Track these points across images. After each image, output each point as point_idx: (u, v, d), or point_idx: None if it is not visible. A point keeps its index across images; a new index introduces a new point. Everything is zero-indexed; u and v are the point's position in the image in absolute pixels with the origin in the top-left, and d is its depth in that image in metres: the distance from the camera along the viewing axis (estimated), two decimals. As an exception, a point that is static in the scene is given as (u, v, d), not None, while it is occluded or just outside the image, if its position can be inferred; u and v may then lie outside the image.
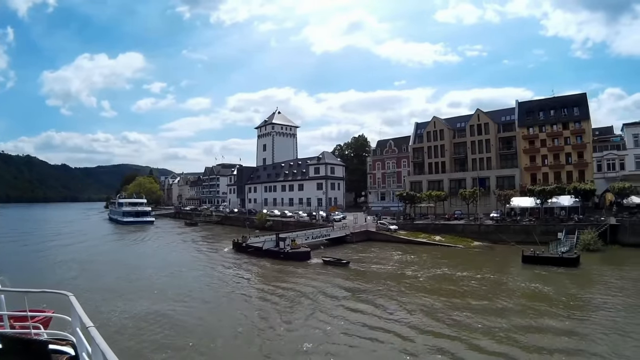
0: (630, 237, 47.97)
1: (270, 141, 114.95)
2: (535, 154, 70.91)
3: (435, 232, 59.05)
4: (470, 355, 18.16)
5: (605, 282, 32.64)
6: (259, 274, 39.04)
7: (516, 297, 28.06)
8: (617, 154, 66.40)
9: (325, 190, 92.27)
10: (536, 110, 72.80)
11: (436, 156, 79.48)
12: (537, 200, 59.27)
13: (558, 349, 18.63)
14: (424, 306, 26.20)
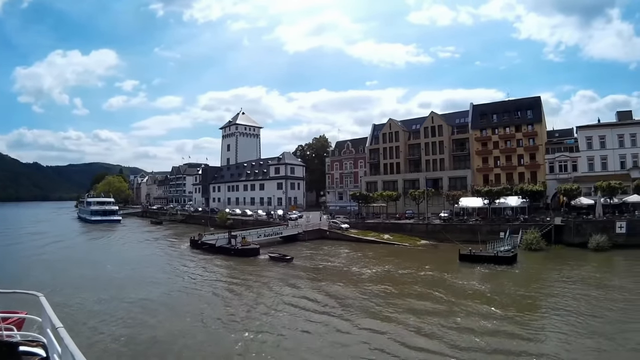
0: (575, 238, 47.85)
1: (234, 141, 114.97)
2: (487, 155, 70.71)
3: (385, 230, 58.99)
4: (395, 346, 18.59)
5: (536, 279, 33.48)
6: (209, 269, 39.62)
7: (447, 293, 28.29)
8: (570, 156, 66.19)
9: (285, 189, 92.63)
10: (490, 113, 72.71)
11: (391, 157, 79.12)
12: (485, 201, 58.97)
13: (473, 338, 19.32)
14: (357, 300, 26.76)
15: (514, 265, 37.70)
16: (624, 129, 66.67)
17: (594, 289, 29.05)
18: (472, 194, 64.12)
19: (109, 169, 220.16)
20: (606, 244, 44.65)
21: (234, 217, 79.06)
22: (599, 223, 49.08)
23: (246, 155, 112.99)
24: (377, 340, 19.22)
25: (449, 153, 73.49)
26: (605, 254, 42.79)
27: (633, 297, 26.41)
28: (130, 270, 38.65)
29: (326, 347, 18.73)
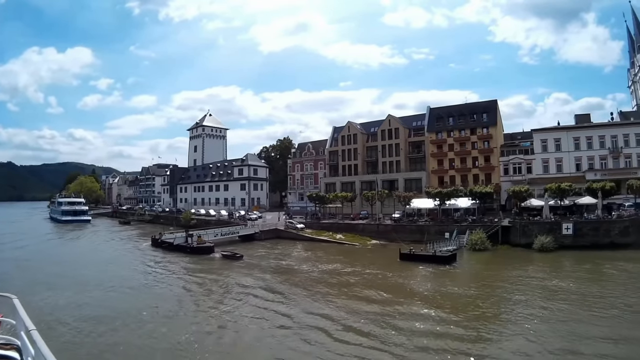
0: (521, 238, 47.50)
1: (201, 143, 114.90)
2: (442, 157, 70.03)
3: (338, 231, 59.26)
4: (324, 338, 19.51)
5: (471, 278, 34.34)
6: (165, 266, 40.60)
7: (384, 291, 28.69)
8: (524, 159, 65.46)
9: (248, 190, 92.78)
10: (446, 116, 72.13)
11: (349, 159, 78.41)
12: (435, 202, 58.34)
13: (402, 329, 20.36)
14: (299, 297, 27.75)
15: (452, 265, 38.14)
16: (581, 131, 66.23)
17: (526, 287, 29.51)
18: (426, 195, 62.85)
19: (82, 168, 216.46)
20: (551, 245, 44.04)
21: (197, 217, 79.24)
22: (546, 224, 48.58)
23: (213, 156, 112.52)
24: (311, 335, 19.91)
25: (405, 155, 72.82)
26: (550, 254, 42.12)
27: (561, 295, 26.53)
28: (94, 268, 39.17)
29: (258, 337, 19.87)
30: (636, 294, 26.43)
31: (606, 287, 28.79)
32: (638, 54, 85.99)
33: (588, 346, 17.80)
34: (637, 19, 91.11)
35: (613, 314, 22.32)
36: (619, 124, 67.98)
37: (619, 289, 27.78)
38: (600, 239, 44.97)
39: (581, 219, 49.57)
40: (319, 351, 18.01)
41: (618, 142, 63.74)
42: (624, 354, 16.93)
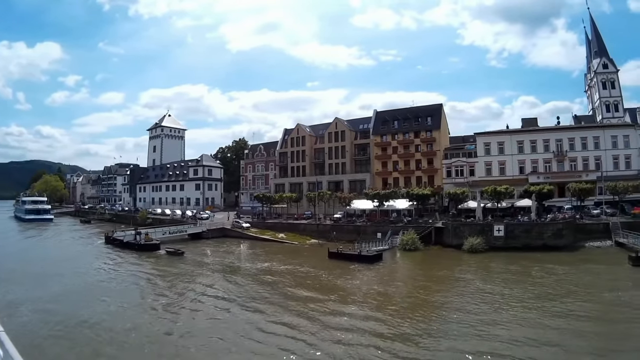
0: (453, 239, 47.60)
1: (160, 143, 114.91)
2: (386, 160, 69.99)
3: (281, 230, 60.40)
4: (245, 326, 21.40)
5: (392, 276, 35.65)
6: (115, 261, 42.62)
7: (308, 285, 30.90)
8: (467, 161, 65.28)
9: (202, 190, 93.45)
10: (391, 120, 72.10)
11: (298, 160, 78.38)
12: (374, 203, 58.50)
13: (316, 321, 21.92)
14: (230, 293, 29.19)
15: (377, 264, 39.34)
16: (525, 135, 66.35)
17: (446, 286, 30.57)
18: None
19: (50, 167, 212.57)
20: (480, 246, 43.95)
21: (153, 216, 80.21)
22: (477, 226, 48.75)
23: (171, 157, 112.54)
24: (238, 326, 21.46)
25: (351, 157, 72.91)
26: (479, 255, 42.29)
27: (478, 296, 27.04)
28: (47, 265, 40.36)
29: (189, 327, 21.38)
30: (556, 296, 26.28)
31: (528, 288, 28.71)
32: (594, 60, 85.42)
33: (489, 346, 17.88)
34: (595, 25, 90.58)
35: (526, 315, 22.44)
36: (565, 128, 68.09)
37: (542, 291, 27.79)
38: (532, 241, 44.97)
39: (513, 221, 49.41)
40: (242, 340, 19.50)
41: (563, 146, 63.87)
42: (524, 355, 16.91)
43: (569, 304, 24.20)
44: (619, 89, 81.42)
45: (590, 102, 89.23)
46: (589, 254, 41.03)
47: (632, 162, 61.95)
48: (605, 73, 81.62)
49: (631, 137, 62.73)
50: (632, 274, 31.57)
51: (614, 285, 28.38)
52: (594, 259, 38.47)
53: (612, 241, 43.74)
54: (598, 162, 62.13)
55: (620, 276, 31.29)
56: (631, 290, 26.88)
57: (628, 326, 20.15)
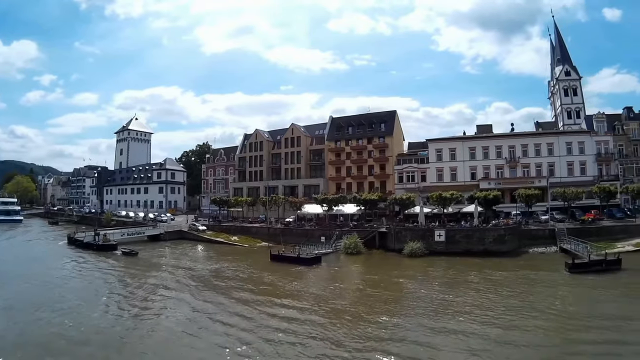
0: (395, 244, 48.68)
1: (126, 146, 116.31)
2: (340, 165, 71.14)
3: (235, 233, 61.94)
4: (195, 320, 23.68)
5: (327, 278, 36.94)
6: (74, 261, 44.93)
7: (248, 286, 32.75)
8: (418, 167, 66.18)
9: (165, 193, 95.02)
10: (346, 126, 73.33)
11: (256, 165, 79.47)
12: (323, 208, 59.56)
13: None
14: (175, 290, 31.57)
15: (315, 266, 41.22)
16: (477, 142, 67.32)
17: (378, 290, 31.40)
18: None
19: (23, 167, 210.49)
20: (420, 251, 44.93)
21: (117, 218, 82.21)
22: (419, 231, 49.79)
23: (138, 160, 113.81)
24: (180, 320, 23.70)
25: (306, 162, 74.18)
26: (419, 260, 43.30)
27: (406, 300, 28.61)
28: (11, 264, 42.69)
29: (134, 321, 23.73)
30: (484, 301, 26.93)
31: (459, 294, 29.35)
32: (557, 67, 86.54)
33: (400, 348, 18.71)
34: (560, 33, 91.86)
35: (451, 319, 23.05)
36: (518, 135, 68.88)
37: (472, 296, 28.46)
38: (473, 246, 45.93)
39: (454, 227, 50.27)
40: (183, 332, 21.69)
41: (516, 152, 64.56)
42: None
43: (498, 309, 24.79)
44: (581, 96, 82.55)
45: (553, 109, 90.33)
46: (530, 260, 41.47)
47: (588, 168, 63.00)
48: (567, 80, 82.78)
49: (587, 143, 63.77)
50: (566, 280, 32.19)
51: (546, 292, 28.92)
52: (535, 265, 38.83)
53: (558, 247, 44.27)
54: (552, 168, 63.07)
55: (555, 283, 31.72)
56: (560, 297, 27.25)
57: (552, 333, 20.59)
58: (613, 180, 61.01)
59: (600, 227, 48.87)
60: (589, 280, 31.31)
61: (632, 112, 67.75)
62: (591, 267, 34.18)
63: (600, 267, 34.13)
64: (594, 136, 63.86)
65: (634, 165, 63.74)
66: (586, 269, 34.13)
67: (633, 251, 41.42)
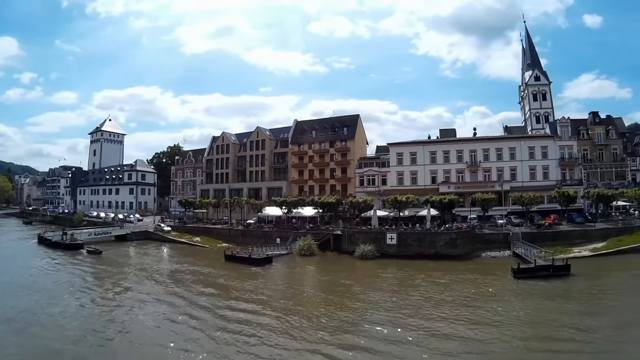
0: (349, 246, 49.49)
1: (99, 147, 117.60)
2: (303, 168, 72.51)
3: (198, 234, 63.28)
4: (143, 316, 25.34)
5: (275, 279, 38.72)
6: (43, 259, 46.99)
7: (201, 283, 34.77)
8: (379, 171, 67.41)
9: (135, 194, 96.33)
10: (310, 130, 74.55)
11: (223, 167, 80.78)
12: (283, 210, 60.70)
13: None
14: (132, 288, 33.15)
15: (266, 266, 42.82)
16: (438, 146, 68.37)
17: (321, 290, 33.15)
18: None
19: (1, 166, 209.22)
20: (371, 253, 45.71)
21: (89, 219, 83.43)
22: (371, 234, 50.32)
23: (110, 161, 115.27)
24: (139, 315, 25.53)
25: (270, 165, 75.58)
26: (370, 262, 44.26)
27: (347, 302, 28.97)
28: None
29: (94, 314, 25.82)
30: (425, 304, 27.39)
31: (402, 296, 30.25)
32: (527, 72, 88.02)
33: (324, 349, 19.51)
34: (531, 39, 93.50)
35: (387, 323, 23.40)
36: (480, 139, 69.95)
37: (414, 299, 28.98)
38: (425, 249, 46.34)
39: (406, 230, 50.90)
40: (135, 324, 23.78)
41: (477, 157, 65.47)
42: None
43: (439, 312, 25.34)
44: (550, 101, 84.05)
45: (523, 114, 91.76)
46: (481, 264, 41.89)
47: (551, 172, 64.03)
48: (537, 85, 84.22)
49: (550, 148, 64.82)
50: (511, 285, 32.39)
51: (488, 296, 29.16)
52: (484, 269, 39.08)
53: (511, 252, 44.48)
54: (514, 172, 64.27)
55: (499, 287, 31.91)
56: (501, 302, 27.36)
57: (488, 336, 20.86)
58: (576, 184, 62.09)
59: (557, 231, 49.14)
60: (528, 285, 31.43)
61: (598, 117, 68.67)
62: (537, 273, 34.16)
63: (547, 272, 34.10)
64: (557, 141, 64.89)
65: (598, 170, 64.60)
66: (531, 274, 34.11)
67: (589, 256, 41.71)
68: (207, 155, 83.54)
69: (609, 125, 66.48)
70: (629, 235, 45.51)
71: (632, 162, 65.20)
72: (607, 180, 63.40)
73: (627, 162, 64.79)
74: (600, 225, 50.01)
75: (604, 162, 64.97)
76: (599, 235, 46.99)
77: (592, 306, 25.71)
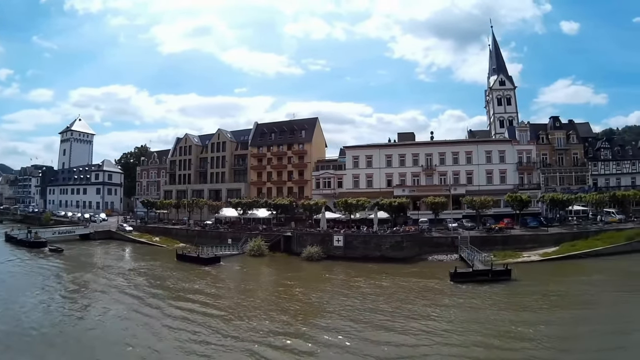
0: (298, 247, 51.44)
1: (69, 146, 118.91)
2: (261, 170, 75.06)
3: (158, 234, 65.57)
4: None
5: (219, 278, 40.26)
6: (6, 257, 49.34)
7: (149, 279, 38.05)
8: (335, 174, 69.62)
9: (102, 194, 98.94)
10: (269, 132, 77.01)
11: (185, 169, 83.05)
12: (239, 211, 62.81)
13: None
14: (84, 285, 35.66)
15: (214, 266, 45.02)
16: (393, 149, 70.38)
17: (260, 290, 35.59)
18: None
19: None
20: (317, 255, 47.52)
21: (56, 218, 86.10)
22: (319, 236, 51.94)
23: (80, 160, 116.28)
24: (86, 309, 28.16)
25: (230, 167, 78.00)
26: (316, 263, 46.06)
27: (284, 303, 30.28)
28: None
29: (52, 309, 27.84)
30: (360, 308, 28.26)
31: (339, 297, 31.63)
32: (492, 77, 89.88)
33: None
34: (497, 44, 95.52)
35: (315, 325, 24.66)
36: (435, 143, 72.12)
37: (350, 301, 30.07)
38: (370, 252, 47.94)
39: (353, 232, 52.36)
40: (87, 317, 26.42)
41: (433, 160, 67.45)
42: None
43: (371, 316, 26.15)
44: (514, 106, 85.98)
45: (488, 117, 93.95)
46: (426, 267, 42.69)
47: (508, 176, 65.92)
48: (501, 90, 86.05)
49: (508, 152, 66.82)
50: (447, 289, 33.10)
51: (421, 300, 30.02)
52: (427, 272, 39.64)
53: (458, 255, 45.19)
54: (470, 176, 66.22)
55: (436, 291, 32.69)
56: (432, 306, 28.09)
57: (414, 341, 21.57)
58: (534, 188, 64.14)
59: (508, 236, 50.10)
60: (462, 290, 32.19)
61: (559, 122, 70.65)
62: (475, 277, 34.74)
63: (485, 277, 34.41)
64: (515, 145, 66.78)
65: (557, 174, 66.33)
66: (469, 278, 34.72)
67: (538, 261, 42.41)
68: (170, 156, 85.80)
69: (570, 130, 68.22)
70: (583, 240, 46.32)
71: (593, 167, 66.82)
72: (566, 185, 64.95)
73: (588, 166, 66.41)
74: (554, 230, 50.94)
75: (563, 167, 66.62)
76: (551, 240, 47.98)
77: (517, 313, 25.93)
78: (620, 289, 31.06)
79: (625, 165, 67.24)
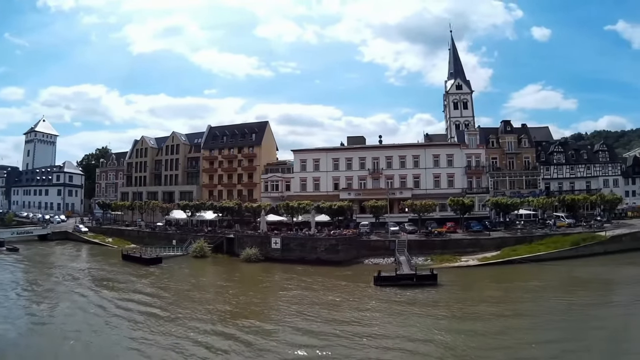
0: (239, 249, 53.90)
1: (33, 147, 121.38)
2: (213, 173, 78.52)
3: (112, 235, 69.17)
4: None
5: (161, 278, 42.27)
6: None
7: (97, 279, 40.41)
8: (282, 177, 72.87)
9: (63, 196, 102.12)
10: (221, 135, 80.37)
11: (141, 171, 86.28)
12: (188, 213, 66.31)
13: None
14: (35, 282, 38.76)
15: (156, 266, 47.58)
16: (340, 153, 73.31)
17: (198, 290, 36.83)
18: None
19: None
20: (255, 257, 50.25)
21: (18, 219, 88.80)
22: (259, 238, 54.88)
23: (44, 161, 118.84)
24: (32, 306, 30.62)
25: (183, 170, 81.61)
26: (253, 265, 48.94)
27: (218, 304, 32.10)
28: None
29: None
30: (285, 309, 30.02)
31: (268, 299, 34.46)
32: (449, 81, 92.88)
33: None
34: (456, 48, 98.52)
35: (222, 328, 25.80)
36: (382, 147, 75.13)
37: (277, 302, 32.60)
38: (307, 254, 50.45)
39: (290, 235, 55.27)
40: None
41: (379, 164, 70.66)
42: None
43: (294, 318, 27.32)
44: (471, 110, 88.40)
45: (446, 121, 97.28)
46: (359, 270, 43.78)
47: (457, 180, 68.94)
48: (457, 94, 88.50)
49: (456, 156, 69.82)
50: (370, 292, 34.40)
51: (340, 302, 31.29)
52: (358, 276, 40.77)
53: (395, 258, 45.56)
54: (417, 180, 69.40)
55: (356, 295, 33.78)
56: (350, 310, 29.11)
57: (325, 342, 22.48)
58: (483, 192, 67.15)
59: (448, 239, 51.33)
60: (384, 293, 33.26)
61: (510, 126, 73.59)
62: (398, 281, 35.52)
63: (410, 281, 35.32)
64: (464, 149, 69.68)
65: (506, 178, 69.09)
66: (392, 282, 35.51)
67: (476, 265, 43.33)
68: (128, 158, 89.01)
69: (522, 134, 70.98)
70: (526, 245, 47.40)
71: (546, 171, 69.54)
72: (516, 189, 67.40)
73: (540, 170, 69.12)
74: (497, 234, 52.27)
75: (514, 171, 69.27)
76: (493, 244, 48.86)
77: (422, 319, 26.26)
78: (557, 295, 31.48)
79: (579, 169, 70.04)
